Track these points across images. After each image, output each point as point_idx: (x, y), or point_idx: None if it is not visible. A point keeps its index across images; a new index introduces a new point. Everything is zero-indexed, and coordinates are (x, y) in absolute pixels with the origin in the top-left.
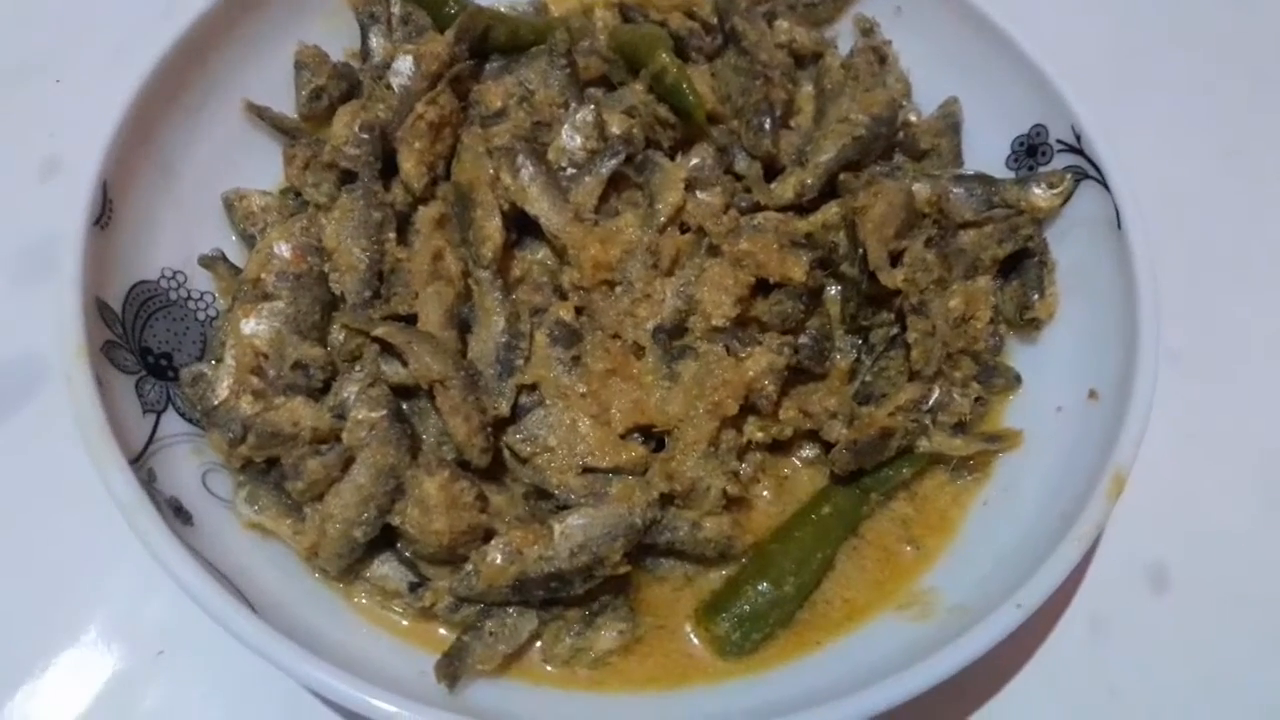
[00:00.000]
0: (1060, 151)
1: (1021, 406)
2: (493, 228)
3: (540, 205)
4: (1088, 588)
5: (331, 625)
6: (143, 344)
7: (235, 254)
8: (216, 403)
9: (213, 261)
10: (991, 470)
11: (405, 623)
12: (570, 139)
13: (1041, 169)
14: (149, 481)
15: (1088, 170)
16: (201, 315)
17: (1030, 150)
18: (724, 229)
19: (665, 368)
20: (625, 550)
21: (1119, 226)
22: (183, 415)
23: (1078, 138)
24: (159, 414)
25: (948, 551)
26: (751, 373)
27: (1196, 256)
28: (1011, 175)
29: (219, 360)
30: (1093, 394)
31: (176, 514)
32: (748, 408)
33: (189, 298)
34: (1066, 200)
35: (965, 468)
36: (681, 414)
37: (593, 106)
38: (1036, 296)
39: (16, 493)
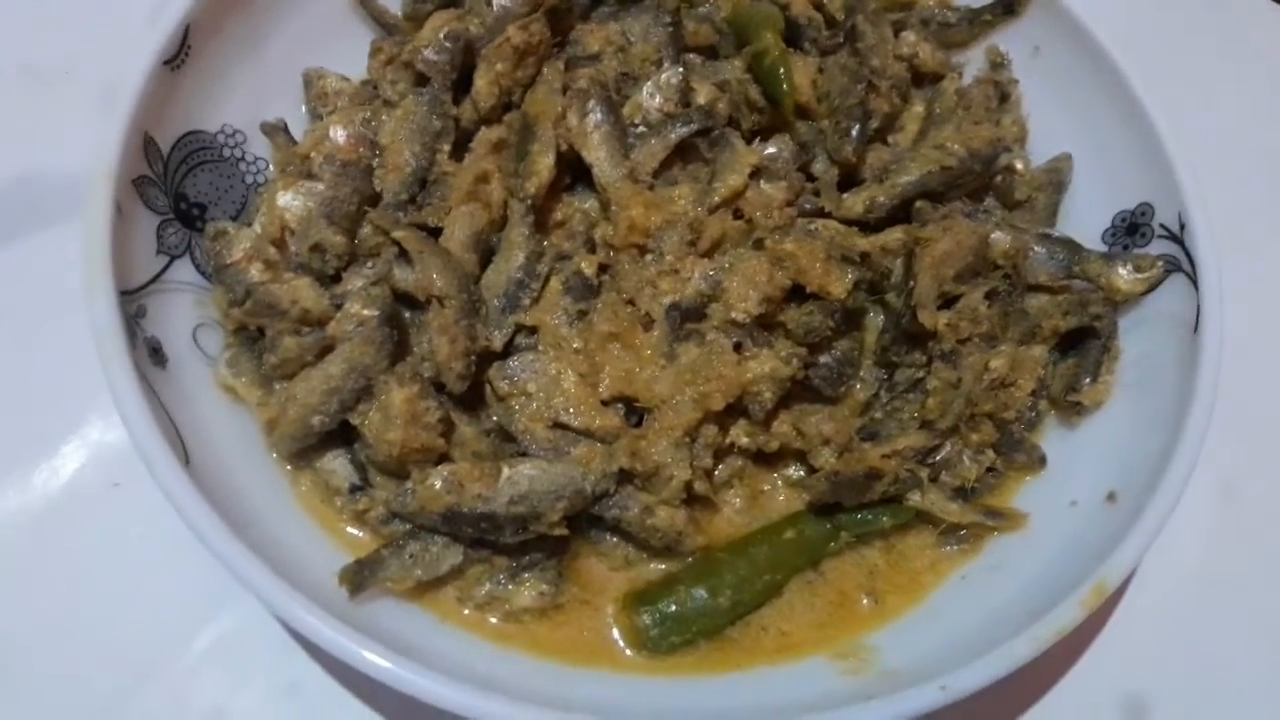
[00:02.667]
0: (1160, 237)
1: (1037, 490)
2: (543, 164)
3: (597, 154)
4: (1051, 702)
5: (265, 502)
6: (179, 189)
7: (302, 130)
8: (229, 261)
9: (274, 130)
10: (982, 546)
11: (347, 526)
12: (650, 97)
13: (1136, 250)
14: (136, 315)
15: (1182, 263)
16: (250, 179)
17: (1131, 228)
18: (773, 223)
19: (667, 346)
20: (566, 513)
21: (1195, 330)
22: (198, 267)
23: (1182, 226)
24: (174, 258)
25: (906, 615)
26: (750, 374)
27: None
28: (1104, 249)
29: (249, 224)
30: (1112, 496)
31: (153, 354)
32: (740, 410)
33: (242, 159)
34: (1151, 289)
35: (955, 536)
36: (666, 395)
37: (681, 70)
38: (1088, 380)
39: (26, 303)
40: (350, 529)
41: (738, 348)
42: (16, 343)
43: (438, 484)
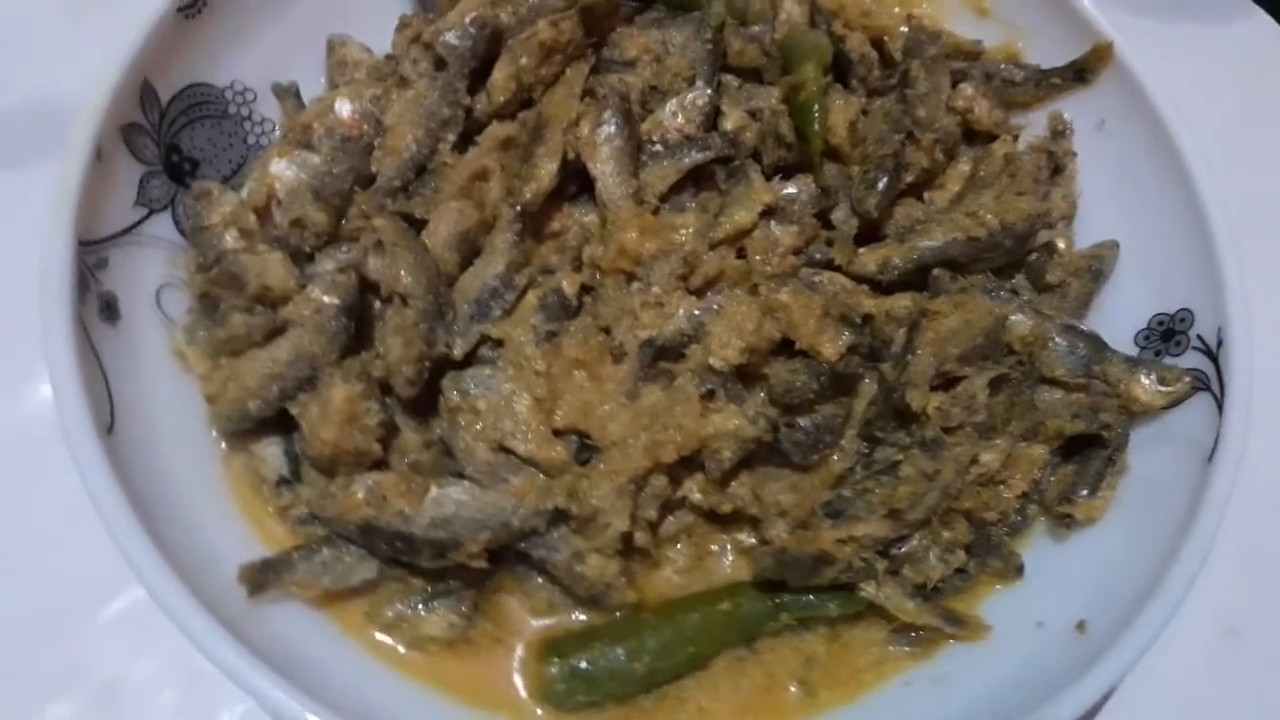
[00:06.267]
0: (1195, 349)
1: (1007, 601)
2: (545, 171)
3: (604, 168)
4: None
5: (189, 480)
6: (173, 141)
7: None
8: (206, 223)
9: (285, 93)
10: (935, 652)
11: (272, 520)
12: (672, 116)
13: (1167, 359)
14: (95, 266)
15: (1211, 383)
16: (253, 140)
17: (1166, 334)
18: (771, 269)
19: (633, 384)
20: (489, 545)
21: (1210, 460)
22: (178, 224)
23: (1219, 343)
24: (153, 211)
25: (834, 713)
26: (712, 429)
27: None
28: (1133, 351)
29: (237, 188)
30: (1081, 626)
31: (105, 309)
32: (698, 463)
33: (248, 118)
34: (1173, 405)
35: (907, 636)
36: (619, 437)
37: (708, 92)
38: (1085, 493)
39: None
40: (275, 523)
41: (710, 395)
42: None
43: (360, 493)
